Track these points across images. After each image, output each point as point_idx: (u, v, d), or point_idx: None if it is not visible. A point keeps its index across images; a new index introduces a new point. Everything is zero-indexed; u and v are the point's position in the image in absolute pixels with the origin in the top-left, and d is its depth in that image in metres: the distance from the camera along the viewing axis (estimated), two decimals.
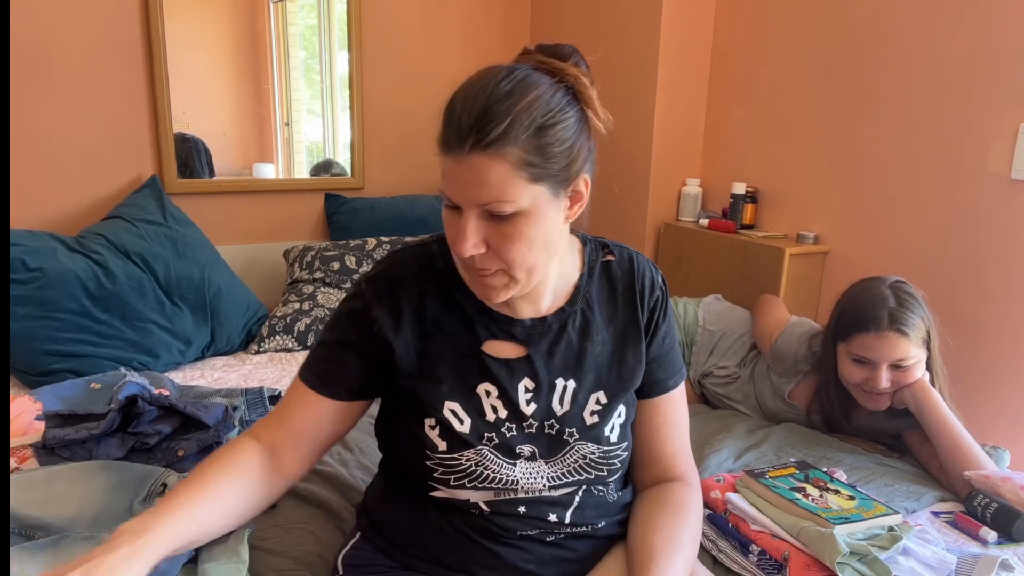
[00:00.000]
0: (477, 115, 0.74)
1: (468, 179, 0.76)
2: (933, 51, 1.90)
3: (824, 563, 1.07)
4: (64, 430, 1.27)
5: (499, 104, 0.75)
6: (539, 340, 0.93)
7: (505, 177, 0.76)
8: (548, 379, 0.93)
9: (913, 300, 1.52)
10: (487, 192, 0.76)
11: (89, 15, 2.13)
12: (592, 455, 0.94)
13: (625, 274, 0.99)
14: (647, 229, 2.59)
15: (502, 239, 0.80)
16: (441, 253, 0.95)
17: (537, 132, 0.76)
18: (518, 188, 0.77)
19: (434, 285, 0.93)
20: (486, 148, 0.75)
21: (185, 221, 2.20)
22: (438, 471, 0.91)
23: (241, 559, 1.03)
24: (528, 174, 0.77)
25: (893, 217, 2.04)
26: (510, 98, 0.76)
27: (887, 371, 1.49)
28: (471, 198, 0.77)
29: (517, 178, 0.76)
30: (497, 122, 0.74)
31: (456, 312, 0.92)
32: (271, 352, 2.16)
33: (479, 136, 0.74)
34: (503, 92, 0.76)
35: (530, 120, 0.76)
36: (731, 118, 2.51)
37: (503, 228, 0.79)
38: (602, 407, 0.95)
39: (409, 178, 2.81)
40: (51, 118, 2.13)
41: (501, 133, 0.74)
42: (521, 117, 0.75)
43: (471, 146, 0.75)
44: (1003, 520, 1.26)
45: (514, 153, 0.76)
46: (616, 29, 2.58)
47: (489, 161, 0.75)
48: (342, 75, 2.63)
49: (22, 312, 1.80)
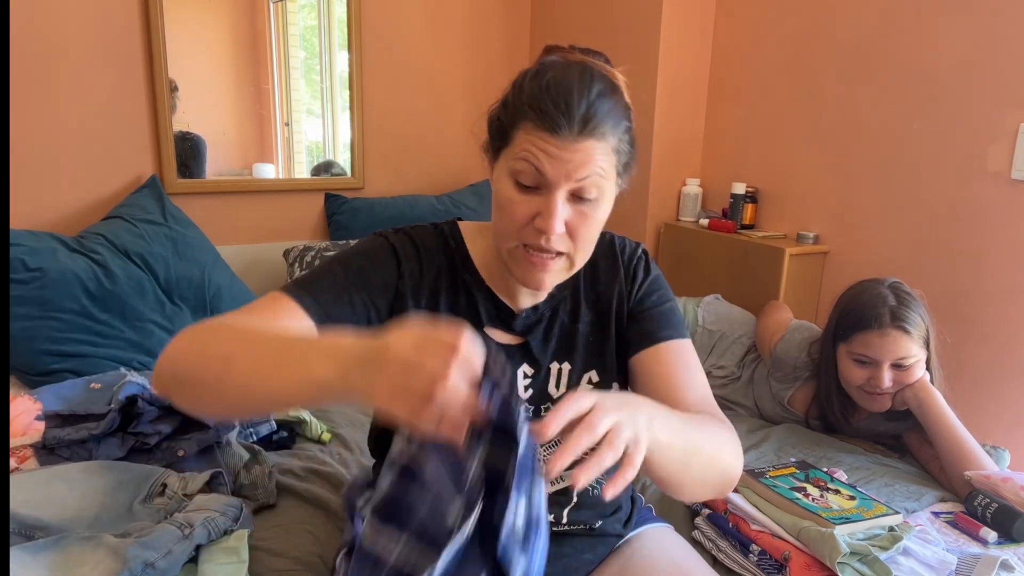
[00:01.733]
0: (588, 104, 0.80)
1: (575, 159, 0.80)
2: (933, 51, 1.90)
3: (824, 563, 1.07)
4: (64, 430, 1.27)
5: (602, 98, 0.81)
6: (535, 329, 0.96)
7: (605, 161, 0.82)
8: (545, 363, 0.95)
9: (912, 299, 1.52)
10: (590, 169, 0.81)
11: (89, 15, 2.13)
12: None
13: (606, 254, 1.00)
14: (647, 229, 2.59)
15: (580, 220, 0.83)
16: (452, 235, 0.97)
17: (625, 129, 0.84)
18: (610, 173, 0.84)
19: (447, 263, 0.95)
20: (593, 132, 0.80)
21: (185, 221, 2.20)
22: None
23: (241, 559, 1.03)
24: (616, 161, 0.84)
25: (893, 217, 2.04)
26: (606, 94, 0.82)
27: (889, 370, 1.49)
28: (572, 176, 0.80)
29: (611, 164, 0.83)
30: (601, 115, 0.80)
31: (464, 293, 0.94)
32: None
33: (590, 122, 0.79)
34: (597, 91, 0.81)
35: (623, 116, 0.84)
36: (731, 118, 2.51)
37: (583, 209, 0.83)
38: (594, 386, 0.96)
39: (409, 178, 2.81)
40: (51, 118, 2.13)
41: (606, 123, 0.81)
42: (616, 111, 0.82)
43: (581, 129, 0.79)
44: (1003, 520, 1.26)
45: (612, 141, 0.82)
46: (616, 29, 2.58)
47: (596, 144, 0.81)
48: (342, 75, 2.63)
49: (22, 312, 1.80)
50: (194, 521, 1.03)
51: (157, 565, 0.96)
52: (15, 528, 1.02)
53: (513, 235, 0.84)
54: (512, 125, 0.83)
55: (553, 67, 0.83)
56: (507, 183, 0.83)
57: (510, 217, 0.83)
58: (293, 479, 1.35)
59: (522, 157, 0.81)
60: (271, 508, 1.27)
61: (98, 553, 0.97)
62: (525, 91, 0.82)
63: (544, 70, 0.83)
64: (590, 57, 0.88)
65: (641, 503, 1.16)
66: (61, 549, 0.98)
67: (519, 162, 0.81)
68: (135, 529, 1.03)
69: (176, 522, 1.03)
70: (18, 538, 1.01)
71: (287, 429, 1.55)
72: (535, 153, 0.80)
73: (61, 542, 0.99)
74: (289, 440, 1.53)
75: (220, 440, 1.31)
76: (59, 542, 0.98)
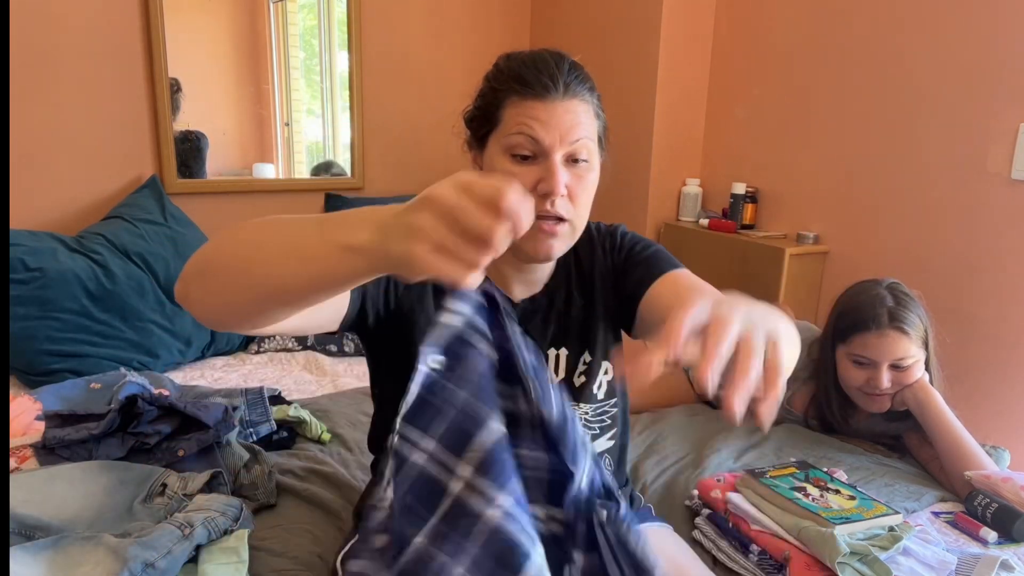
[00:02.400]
0: (567, 67, 0.87)
1: (566, 119, 0.85)
2: (933, 51, 1.90)
3: (824, 563, 1.07)
4: (64, 430, 1.27)
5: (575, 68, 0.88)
6: (533, 317, 0.99)
7: (590, 119, 0.88)
8: (544, 350, 0.98)
9: (911, 300, 1.52)
10: (581, 130, 0.86)
11: (89, 15, 2.13)
12: (584, 416, 0.99)
13: (587, 240, 1.02)
14: (647, 229, 2.59)
15: (577, 183, 0.88)
16: None
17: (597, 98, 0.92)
18: (594, 134, 0.89)
19: None
20: (576, 94, 0.87)
21: (185, 221, 2.20)
22: None
23: (241, 559, 1.03)
24: (598, 124, 0.91)
25: (893, 217, 2.04)
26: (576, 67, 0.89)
27: (887, 371, 1.49)
28: (566, 137, 0.85)
29: (593, 125, 0.89)
30: (578, 79, 0.88)
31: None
32: (271, 352, 2.16)
33: (571, 84, 0.86)
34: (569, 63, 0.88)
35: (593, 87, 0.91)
36: (731, 118, 2.51)
37: (578, 172, 0.88)
38: (587, 366, 1.00)
39: (409, 178, 2.80)
40: (51, 118, 2.13)
41: (582, 87, 0.88)
42: (588, 83, 0.90)
43: (565, 91, 0.85)
44: (1003, 520, 1.26)
45: (593, 105, 0.90)
46: (616, 29, 2.58)
47: (580, 104, 0.87)
48: (342, 75, 2.63)
49: (22, 312, 1.80)
50: (194, 521, 1.03)
51: (157, 565, 0.96)
52: (15, 528, 1.02)
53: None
54: (498, 105, 0.88)
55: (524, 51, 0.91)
56: (503, 159, 0.87)
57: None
58: (293, 479, 1.35)
59: (516, 131, 0.85)
60: (271, 508, 1.27)
61: (98, 553, 0.97)
62: (503, 71, 0.89)
63: (516, 53, 0.91)
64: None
65: (640, 503, 1.16)
66: (61, 549, 0.98)
67: (513, 136, 0.85)
68: (135, 529, 1.03)
69: (176, 522, 1.03)
70: (18, 538, 1.01)
71: (287, 429, 1.55)
72: (527, 122, 0.84)
73: (61, 542, 0.98)
74: (289, 440, 1.53)
75: (220, 440, 1.31)
76: (59, 542, 0.98)
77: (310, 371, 2.04)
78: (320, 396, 1.81)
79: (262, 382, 1.90)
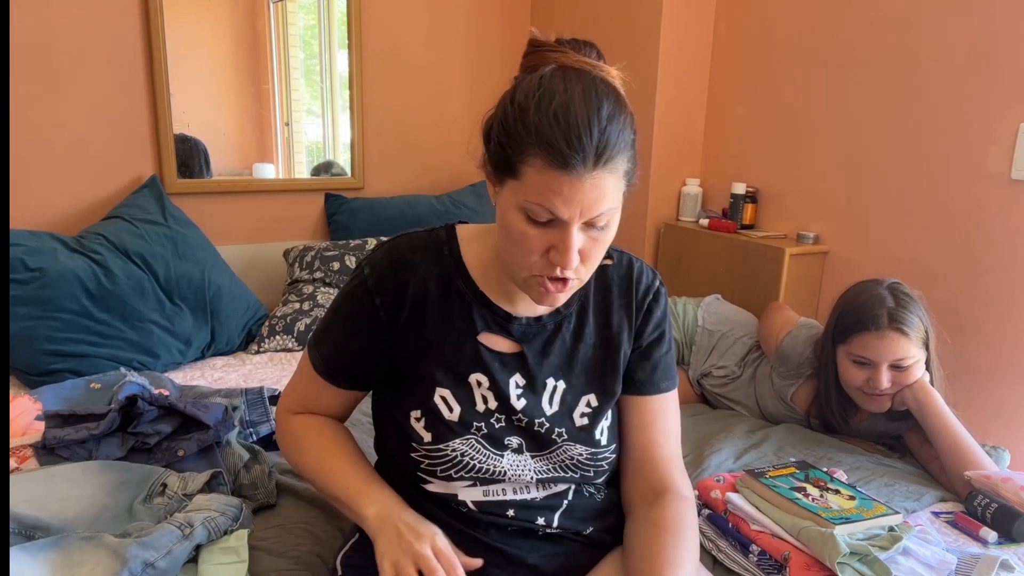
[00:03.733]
0: (600, 132, 0.77)
1: (590, 196, 0.78)
2: (933, 51, 1.90)
3: (824, 563, 1.07)
4: (64, 430, 1.27)
5: (611, 125, 0.78)
6: (533, 339, 0.94)
7: (617, 187, 0.81)
8: (540, 377, 0.94)
9: (911, 300, 1.52)
10: (605, 204, 0.79)
11: (89, 15, 2.13)
12: (580, 456, 0.94)
13: (622, 278, 0.99)
14: (647, 229, 2.59)
15: (592, 245, 0.83)
16: (448, 242, 0.95)
17: (631, 144, 0.81)
18: (620, 197, 0.82)
19: (437, 271, 0.94)
20: (606, 166, 0.78)
21: (185, 221, 2.20)
22: (424, 463, 0.92)
23: (241, 559, 1.03)
24: (625, 182, 0.82)
25: (893, 217, 2.04)
26: (615, 118, 0.79)
27: (887, 371, 1.50)
28: (587, 212, 0.79)
29: (620, 188, 0.82)
30: (613, 142, 0.77)
31: (456, 300, 0.94)
32: (271, 352, 2.16)
33: (603, 154, 0.77)
34: (607, 114, 0.78)
35: (629, 134, 0.81)
36: (731, 118, 2.51)
37: (595, 236, 0.82)
38: (592, 409, 0.95)
39: (409, 178, 2.81)
40: (51, 118, 2.13)
41: (617, 151, 0.78)
42: (624, 132, 0.80)
43: (595, 163, 0.77)
44: (1003, 520, 1.26)
45: (622, 166, 0.80)
46: (616, 29, 2.58)
47: (609, 176, 0.78)
48: (342, 75, 2.63)
49: (22, 312, 1.80)
50: (194, 521, 1.03)
51: (157, 565, 0.96)
52: (15, 528, 1.02)
53: (527, 267, 0.83)
54: (518, 158, 0.78)
55: (554, 87, 0.78)
56: (517, 216, 0.81)
57: (524, 251, 0.82)
58: (293, 479, 1.35)
59: (536, 201, 0.78)
60: (271, 508, 1.27)
61: (98, 553, 0.97)
62: (531, 120, 0.77)
63: (547, 93, 0.78)
64: (583, 54, 0.84)
65: None
66: (61, 549, 0.98)
67: (532, 205, 0.79)
68: (135, 529, 1.03)
69: (176, 522, 1.03)
70: (18, 538, 1.01)
71: None
72: (548, 197, 0.77)
73: (61, 542, 0.98)
74: None
75: (220, 440, 1.31)
76: (59, 542, 0.98)
77: None
78: None
79: (262, 382, 1.90)
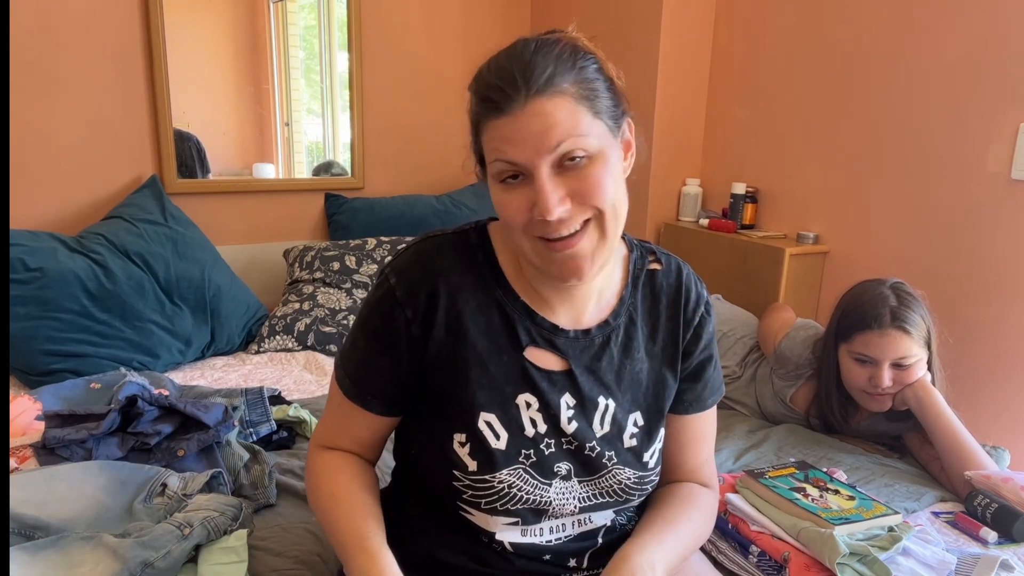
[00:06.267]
0: (522, 67, 0.73)
1: (534, 127, 0.73)
2: (933, 51, 1.90)
3: (824, 564, 1.07)
4: (64, 430, 1.27)
5: (536, 55, 0.74)
6: (581, 354, 0.87)
7: (571, 111, 0.74)
8: (591, 397, 0.86)
9: (913, 299, 1.52)
10: (559, 131, 0.73)
11: (89, 15, 2.13)
12: (628, 480, 0.88)
13: (671, 287, 0.93)
14: (647, 229, 2.59)
15: (583, 183, 0.75)
16: (480, 245, 0.87)
17: (579, 69, 0.76)
18: (585, 121, 0.75)
19: (472, 279, 0.85)
20: (542, 90, 0.73)
21: (185, 221, 2.20)
22: (467, 493, 0.84)
23: (241, 559, 1.03)
24: (587, 107, 0.75)
25: (893, 217, 2.04)
26: (543, 49, 0.76)
27: (889, 370, 1.50)
28: (543, 146, 0.73)
29: (580, 111, 0.75)
30: (542, 67, 0.74)
31: (496, 311, 0.85)
32: (271, 352, 2.16)
33: (530, 81, 0.73)
34: (533, 47, 0.76)
35: (570, 60, 0.76)
36: (731, 118, 2.51)
37: (581, 174, 0.75)
38: (639, 429, 0.89)
39: (409, 178, 2.81)
40: (51, 118, 2.13)
41: (551, 73, 0.74)
42: (562, 59, 0.75)
43: (527, 94, 0.73)
44: (1003, 520, 1.26)
45: (569, 89, 0.74)
46: (616, 29, 2.58)
47: (550, 101, 0.73)
48: (342, 75, 2.63)
49: (22, 312, 1.80)
50: (194, 521, 1.03)
51: (156, 565, 0.96)
52: (15, 528, 1.02)
53: (523, 236, 0.78)
54: (477, 129, 0.78)
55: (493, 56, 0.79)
56: (496, 189, 0.78)
57: (511, 218, 0.77)
58: (293, 479, 1.35)
59: (492, 158, 0.76)
60: (271, 508, 1.27)
61: (97, 553, 0.97)
62: (472, 91, 0.78)
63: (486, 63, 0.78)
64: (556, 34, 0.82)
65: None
66: (61, 549, 0.98)
67: (493, 165, 0.76)
68: (135, 529, 1.03)
69: (175, 522, 1.03)
70: (18, 538, 1.01)
71: (287, 429, 1.55)
72: (499, 147, 0.74)
73: (61, 542, 0.99)
74: (289, 440, 1.53)
75: (220, 440, 1.31)
76: (59, 542, 0.98)
77: (310, 371, 2.04)
78: (320, 396, 1.81)
79: (262, 382, 1.90)
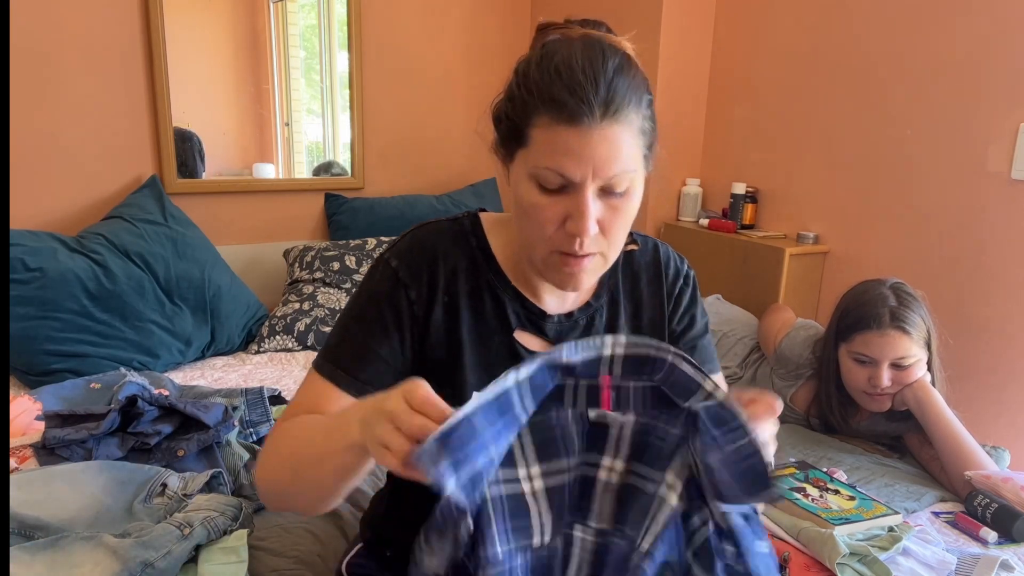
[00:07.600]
0: (606, 82, 0.71)
1: (601, 151, 0.71)
2: (933, 51, 1.90)
3: (824, 564, 1.07)
4: (64, 430, 1.27)
5: (617, 76, 0.73)
6: (566, 336, 0.89)
7: (632, 144, 0.74)
8: None
9: (913, 300, 1.52)
10: (620, 162, 0.73)
11: (89, 15, 2.13)
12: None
13: (649, 264, 0.94)
14: (647, 229, 2.59)
15: (612, 216, 0.76)
16: (474, 232, 0.89)
17: (647, 103, 0.76)
18: (637, 156, 0.75)
19: (467, 263, 0.87)
20: (616, 116, 0.72)
21: (185, 221, 2.20)
22: None
23: (241, 559, 1.03)
24: (643, 142, 0.76)
25: (893, 217, 2.04)
26: (624, 70, 0.74)
27: (888, 370, 1.50)
28: (601, 171, 0.72)
29: (638, 145, 0.75)
30: (622, 92, 0.72)
31: (489, 294, 0.87)
32: (271, 352, 2.16)
33: (610, 105, 0.71)
34: (614, 66, 0.73)
35: (642, 88, 0.75)
36: (731, 118, 2.51)
37: (614, 204, 0.76)
38: None
39: (409, 178, 2.80)
40: (51, 118, 2.13)
41: (628, 100, 0.73)
42: (635, 85, 0.74)
43: (603, 115, 0.71)
44: (1003, 520, 1.26)
45: (635, 120, 0.74)
46: (616, 29, 2.58)
47: (620, 129, 0.72)
48: (342, 75, 2.63)
49: (22, 312, 1.80)
50: (194, 521, 1.03)
51: (156, 565, 0.96)
52: (15, 528, 1.02)
53: (543, 242, 0.77)
54: (525, 122, 0.74)
55: (557, 48, 0.75)
56: (529, 187, 0.76)
57: (538, 223, 0.76)
58: None
59: (544, 165, 0.73)
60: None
61: (97, 553, 0.97)
62: (532, 80, 0.74)
63: (549, 53, 0.74)
64: (591, 28, 0.81)
65: None
66: (61, 549, 0.98)
67: (541, 170, 0.74)
68: (135, 529, 1.03)
69: (175, 522, 1.03)
70: (18, 538, 1.01)
71: None
72: (557, 157, 0.72)
73: (61, 542, 0.99)
74: None
75: (220, 440, 1.31)
76: (59, 542, 0.98)
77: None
78: None
79: (262, 382, 1.90)
